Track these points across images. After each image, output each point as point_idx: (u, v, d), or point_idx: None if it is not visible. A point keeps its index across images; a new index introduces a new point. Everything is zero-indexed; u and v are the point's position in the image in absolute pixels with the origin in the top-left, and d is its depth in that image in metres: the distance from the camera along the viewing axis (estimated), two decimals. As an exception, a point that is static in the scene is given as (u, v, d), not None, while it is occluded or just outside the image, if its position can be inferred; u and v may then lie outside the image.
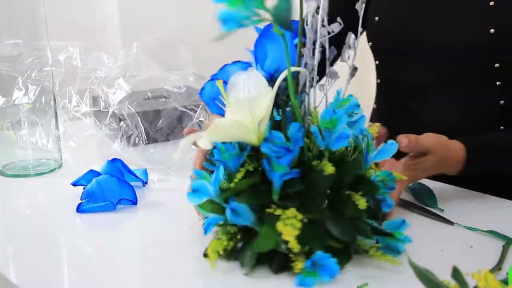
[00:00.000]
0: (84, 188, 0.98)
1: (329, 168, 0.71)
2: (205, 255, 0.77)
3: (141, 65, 1.26)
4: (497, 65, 0.98)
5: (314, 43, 0.78)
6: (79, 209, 0.95)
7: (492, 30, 0.97)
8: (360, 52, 0.81)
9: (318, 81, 0.81)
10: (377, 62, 1.18)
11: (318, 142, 0.73)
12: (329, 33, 0.78)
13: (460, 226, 0.86)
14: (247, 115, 0.71)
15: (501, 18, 0.98)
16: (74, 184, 1.02)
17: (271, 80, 0.76)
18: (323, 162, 0.73)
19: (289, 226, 0.69)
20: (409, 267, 0.53)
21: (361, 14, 0.79)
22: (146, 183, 1.07)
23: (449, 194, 0.99)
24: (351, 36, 0.79)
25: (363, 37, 1.19)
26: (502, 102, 1.02)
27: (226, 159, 0.74)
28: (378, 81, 1.19)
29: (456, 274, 0.51)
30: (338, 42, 1.12)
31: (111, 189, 0.96)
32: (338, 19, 0.77)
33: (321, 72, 0.81)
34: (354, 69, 0.80)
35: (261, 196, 0.73)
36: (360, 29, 0.80)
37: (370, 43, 1.16)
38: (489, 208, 0.94)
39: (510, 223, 0.87)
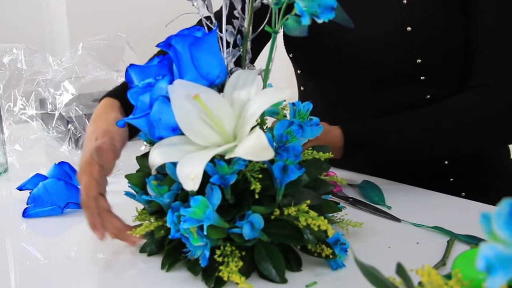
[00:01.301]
0: (30, 193, 0.96)
1: (324, 155, 0.78)
2: (216, 286, 0.71)
3: (88, 67, 1.24)
4: (419, 60, 1.01)
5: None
6: (25, 213, 0.93)
7: (409, 28, 0.99)
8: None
9: None
10: (299, 72, 1.18)
11: (303, 136, 0.76)
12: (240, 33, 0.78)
13: (407, 223, 0.88)
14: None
15: (415, 15, 1.00)
16: (20, 188, 1.00)
17: (210, 87, 0.74)
18: (313, 152, 0.78)
19: (317, 218, 0.71)
20: (355, 265, 0.53)
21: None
22: (95, 186, 1.05)
23: (396, 191, 1.01)
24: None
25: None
26: (428, 96, 1.04)
27: (228, 175, 0.69)
28: (302, 88, 1.20)
29: (400, 270, 0.52)
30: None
31: (58, 193, 0.95)
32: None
33: None
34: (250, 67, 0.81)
35: (270, 202, 0.73)
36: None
37: (291, 54, 1.15)
38: (435, 204, 0.96)
39: (455, 219, 0.89)
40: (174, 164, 0.69)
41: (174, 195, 0.74)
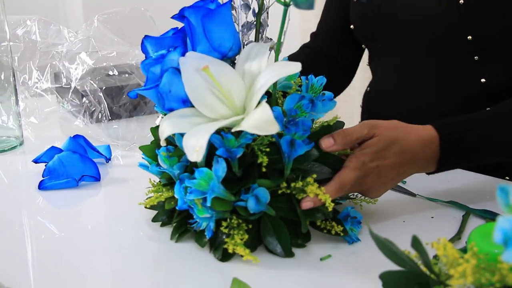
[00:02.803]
0: (45, 165, 0.96)
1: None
2: (224, 258, 0.72)
3: (104, 40, 1.24)
4: (469, 37, 0.97)
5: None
6: (41, 186, 0.94)
7: (461, 1, 0.96)
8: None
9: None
10: (363, 46, 1.18)
11: (314, 110, 0.75)
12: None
13: (422, 198, 0.88)
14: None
15: None
16: (36, 161, 1.00)
17: (222, 59, 0.73)
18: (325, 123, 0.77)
19: (322, 194, 0.71)
20: (370, 238, 0.53)
21: None
22: (110, 159, 1.06)
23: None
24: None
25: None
26: (483, 80, 1.00)
27: (234, 148, 0.69)
28: (367, 64, 1.20)
29: (416, 243, 0.51)
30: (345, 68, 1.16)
31: (73, 166, 0.95)
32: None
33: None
34: (267, 40, 0.80)
35: (278, 176, 0.72)
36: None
37: (352, 26, 1.15)
38: (450, 179, 0.95)
39: (470, 194, 0.89)
40: (183, 136, 0.69)
41: (184, 167, 0.74)
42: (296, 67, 0.68)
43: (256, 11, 0.77)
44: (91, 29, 1.25)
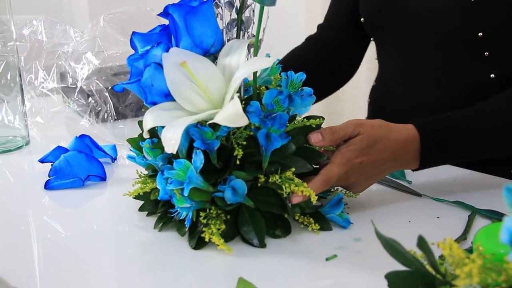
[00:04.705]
0: (52, 165, 0.97)
1: (315, 121, 0.78)
2: (197, 247, 0.74)
3: (110, 40, 1.24)
4: (480, 34, 0.97)
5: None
6: (47, 185, 0.94)
7: None
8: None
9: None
10: (372, 39, 1.18)
11: (292, 106, 0.77)
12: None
13: (427, 198, 0.88)
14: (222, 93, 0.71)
15: None
16: (42, 160, 1.00)
17: (205, 55, 0.76)
18: (304, 120, 0.79)
19: (300, 185, 0.73)
20: (376, 238, 0.53)
21: None
22: (115, 159, 1.06)
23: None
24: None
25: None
26: (492, 75, 1.00)
27: (211, 140, 0.71)
28: (375, 58, 1.19)
29: (422, 243, 0.51)
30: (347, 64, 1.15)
31: (79, 165, 0.96)
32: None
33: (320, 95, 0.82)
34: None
35: (255, 168, 0.74)
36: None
37: (362, 19, 1.14)
38: (455, 179, 0.95)
39: (476, 194, 0.88)
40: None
41: (166, 158, 0.76)
42: (268, 62, 0.72)
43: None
44: (97, 29, 1.26)
